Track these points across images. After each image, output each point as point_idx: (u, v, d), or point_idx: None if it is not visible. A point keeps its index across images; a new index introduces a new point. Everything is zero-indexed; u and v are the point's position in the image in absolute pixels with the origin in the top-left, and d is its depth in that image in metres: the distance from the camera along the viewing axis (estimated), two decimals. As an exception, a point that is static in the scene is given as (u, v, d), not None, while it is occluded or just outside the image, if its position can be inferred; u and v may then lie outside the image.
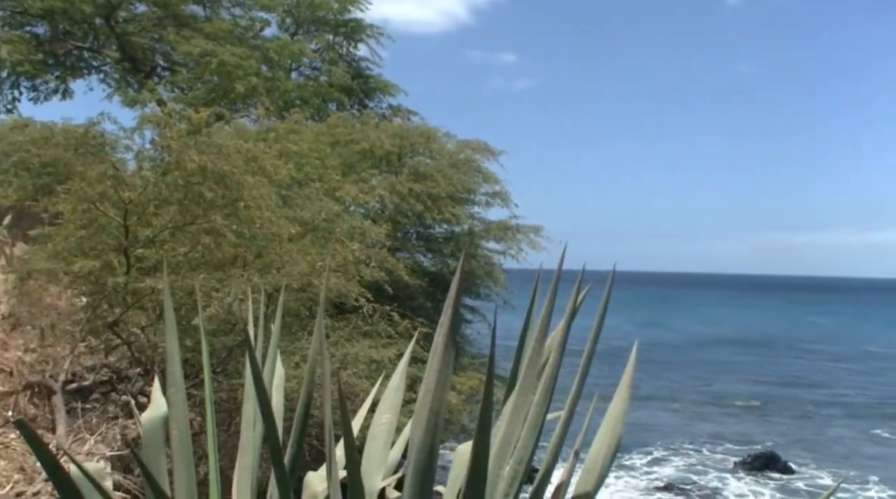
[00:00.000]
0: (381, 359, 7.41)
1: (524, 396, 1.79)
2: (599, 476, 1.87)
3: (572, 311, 1.95)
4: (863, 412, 28.50)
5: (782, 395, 32.33)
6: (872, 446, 23.40)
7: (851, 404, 30.38)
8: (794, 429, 25.39)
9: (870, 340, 59.00)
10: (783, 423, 26.43)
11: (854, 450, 22.63)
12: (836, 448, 22.80)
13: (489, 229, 15.40)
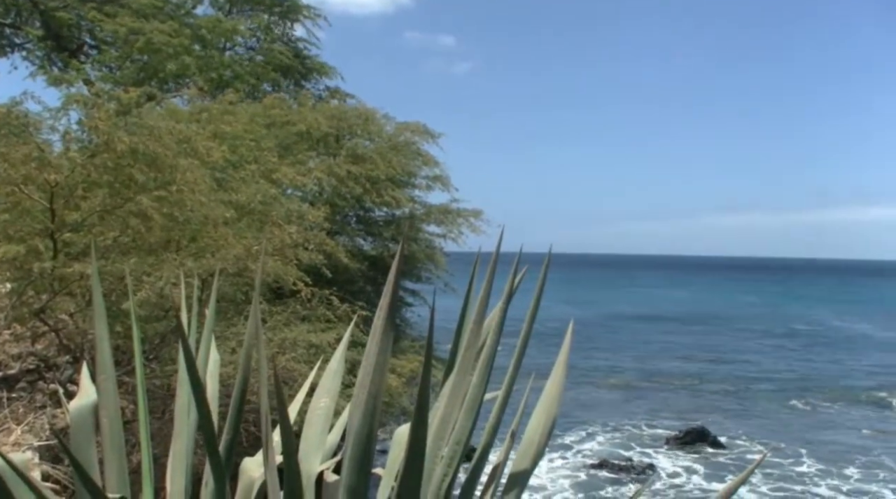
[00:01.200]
0: (320, 343, 7.35)
1: (462, 377, 1.80)
2: (536, 454, 1.90)
3: (509, 293, 1.97)
4: (790, 387, 29.76)
5: (714, 371, 33.49)
6: (799, 419, 24.49)
7: (779, 380, 31.67)
8: (725, 404, 26.35)
9: (796, 318, 61.57)
10: (714, 399, 27.39)
11: (782, 424, 23.64)
12: (765, 422, 23.77)
13: (430, 213, 15.41)
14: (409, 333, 15.30)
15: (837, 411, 25.77)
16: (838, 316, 64.76)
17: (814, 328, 54.24)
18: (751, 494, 16.71)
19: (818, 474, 18.55)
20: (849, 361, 37.69)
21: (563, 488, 16.98)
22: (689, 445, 20.32)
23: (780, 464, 19.12)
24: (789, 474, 18.34)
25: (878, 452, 20.56)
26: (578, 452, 19.97)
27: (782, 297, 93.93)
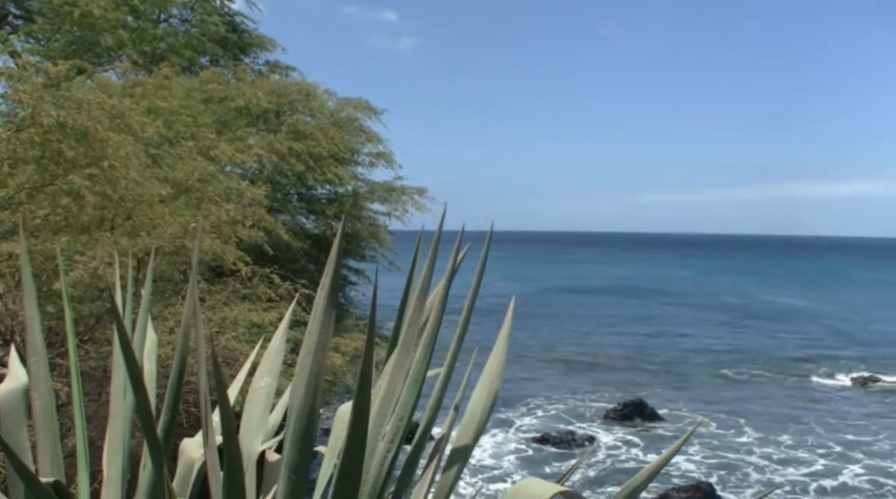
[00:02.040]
0: (261, 322, 7.27)
1: (405, 354, 1.81)
2: (478, 429, 1.92)
3: (452, 270, 1.98)
4: (724, 359, 30.81)
5: (650, 345, 34.40)
6: (733, 390, 25.40)
7: (713, 352, 32.75)
8: (661, 377, 27.12)
9: (728, 292, 63.70)
10: (651, 372, 28.17)
11: (717, 395, 24.48)
12: (700, 394, 24.57)
13: (373, 190, 15.33)
14: (352, 311, 15.26)
15: (769, 381, 26.82)
16: (768, 290, 67.28)
17: (745, 302, 56.19)
18: (688, 463, 17.31)
19: (753, 442, 19.33)
20: (778, 333, 39.21)
21: (508, 463, 17.27)
22: (627, 418, 20.88)
23: (717, 434, 19.84)
24: (725, 443, 19.05)
25: (808, 419, 21.52)
26: (521, 427, 20.32)
27: (715, 272, 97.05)
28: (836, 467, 17.32)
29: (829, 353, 32.94)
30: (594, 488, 15.46)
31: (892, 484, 16.20)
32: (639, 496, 1.74)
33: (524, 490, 1.56)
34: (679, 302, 55.20)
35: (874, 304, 55.66)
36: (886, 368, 28.97)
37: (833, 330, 40.70)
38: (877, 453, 18.42)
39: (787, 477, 16.66)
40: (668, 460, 1.73)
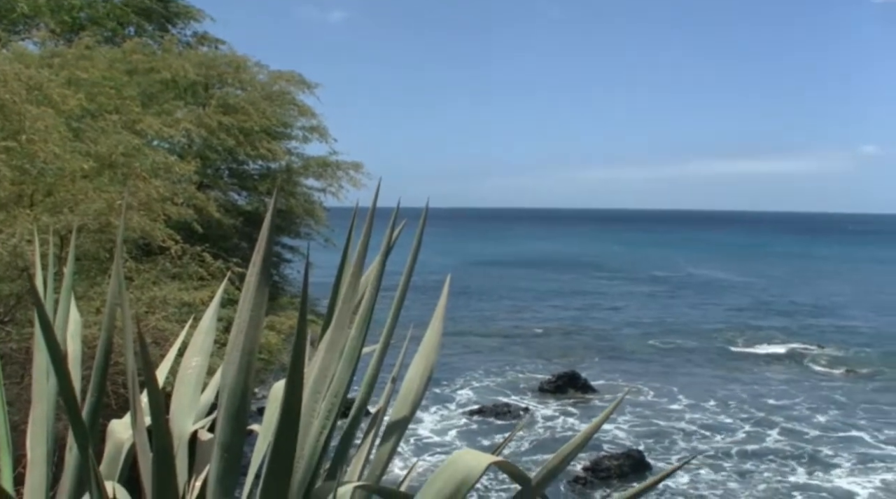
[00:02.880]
0: (192, 301, 7.11)
1: (340, 330, 1.80)
2: (414, 403, 1.93)
3: (387, 246, 1.97)
4: (654, 331, 31.74)
5: (583, 318, 35.16)
6: (662, 360, 26.23)
7: (643, 324, 33.70)
8: (594, 349, 27.79)
9: (655, 265, 65.62)
10: (584, 344, 28.82)
11: (647, 365, 25.25)
12: (632, 364, 25.30)
13: (308, 166, 15.10)
14: (287, 289, 15.09)
15: (696, 351, 27.80)
16: (693, 263, 69.64)
17: (672, 274, 57.99)
18: (620, 431, 17.85)
19: (681, 409, 20.04)
20: (704, 305, 40.63)
21: (447, 436, 17.48)
22: (561, 389, 21.35)
23: (647, 403, 20.49)
24: (655, 412, 19.69)
25: (732, 387, 22.42)
26: (459, 401, 20.56)
27: (643, 246, 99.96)
28: (758, 433, 18.14)
29: (751, 323, 34.35)
30: (530, 458, 15.80)
31: (808, 447, 17.08)
32: (571, 463, 1.78)
33: (459, 462, 1.58)
34: (611, 276, 56.53)
35: (794, 277, 58.22)
36: (805, 338, 30.40)
37: (755, 301, 42.42)
38: (795, 417, 19.36)
39: (711, 443, 17.36)
40: (598, 428, 1.77)
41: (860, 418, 19.29)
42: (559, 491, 13.87)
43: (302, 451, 1.58)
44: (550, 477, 1.73)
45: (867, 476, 15.33)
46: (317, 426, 1.63)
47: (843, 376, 24.10)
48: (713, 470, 15.63)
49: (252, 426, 1.93)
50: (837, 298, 44.14)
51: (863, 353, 27.62)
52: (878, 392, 21.99)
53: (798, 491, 14.63)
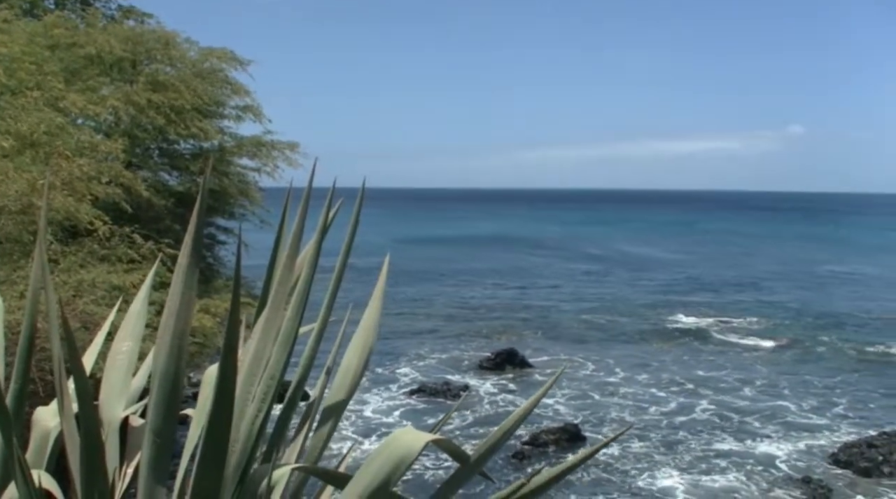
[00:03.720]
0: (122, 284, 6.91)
1: (275, 312, 1.77)
2: (352, 385, 1.93)
3: (323, 226, 1.95)
4: (588, 307, 32.38)
5: (522, 296, 35.62)
6: (599, 335, 26.82)
7: (580, 301, 34.34)
8: (533, 326, 28.20)
9: (590, 244, 66.98)
10: (523, 321, 29.21)
11: (584, 341, 25.77)
12: (569, 340, 25.78)
13: (241, 145, 14.79)
14: (222, 272, 14.81)
15: (630, 326, 28.51)
16: (626, 241, 71.35)
17: (607, 252, 59.28)
18: (558, 405, 18.22)
19: (616, 383, 20.56)
20: (637, 281, 41.67)
21: (388, 416, 17.52)
22: (500, 366, 21.63)
23: (583, 377, 20.95)
24: (591, 386, 20.16)
25: (664, 359, 23.12)
26: (400, 380, 20.61)
27: (578, 225, 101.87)
28: (688, 404, 18.77)
29: (683, 299, 35.42)
30: (470, 435, 15.99)
31: (736, 417, 17.77)
32: (509, 439, 1.81)
33: (397, 441, 1.59)
34: (549, 254, 57.38)
35: (723, 254, 60.22)
36: (733, 312, 31.54)
37: (687, 277, 43.72)
38: (723, 388, 20.10)
39: (644, 415, 17.90)
40: (535, 404, 1.80)
41: (784, 388, 20.16)
42: (499, 466, 14.10)
43: (237, 435, 1.56)
44: (489, 453, 1.76)
45: (790, 443, 16.06)
46: (252, 410, 1.61)
47: (768, 348, 25.11)
48: (644, 441, 16.13)
49: (186, 411, 1.90)
50: (764, 274, 45.86)
51: (787, 326, 28.82)
52: (800, 363, 23.01)
53: (722, 457, 15.24)
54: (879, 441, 14.94)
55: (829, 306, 33.33)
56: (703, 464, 14.94)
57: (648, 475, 14.38)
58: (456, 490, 1.74)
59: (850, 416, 17.89)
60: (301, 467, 1.65)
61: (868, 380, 21.00)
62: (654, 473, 14.50)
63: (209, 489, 1.46)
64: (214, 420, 1.40)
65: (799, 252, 61.43)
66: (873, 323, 29.63)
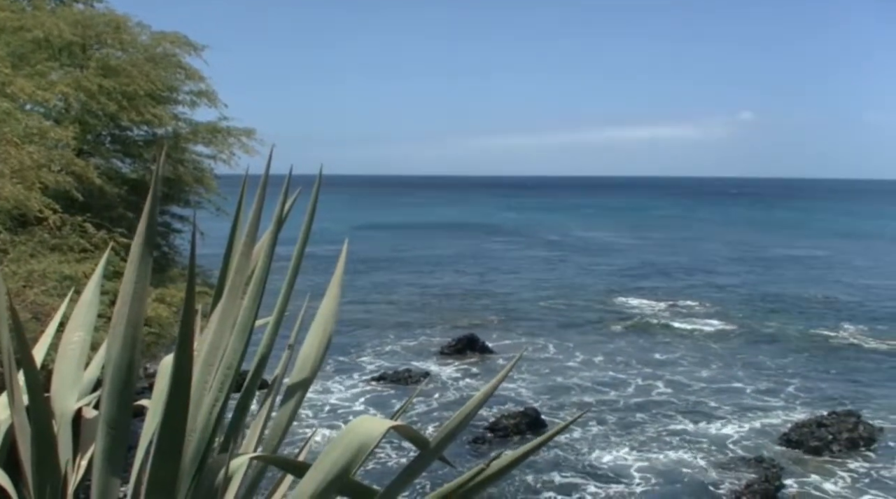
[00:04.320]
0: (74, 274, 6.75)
1: (232, 301, 1.76)
2: (311, 372, 1.92)
3: (280, 214, 1.94)
4: (548, 293, 32.69)
5: (481, 282, 35.79)
6: (556, 319, 27.10)
7: (539, 287, 34.64)
8: (492, 312, 28.38)
9: (547, 230, 67.64)
10: (483, 307, 29.38)
11: (544, 326, 26.02)
12: (528, 325, 26.01)
13: (197, 132, 14.54)
14: (178, 261, 14.58)
15: (588, 310, 28.87)
16: (582, 227, 72.31)
17: (564, 238, 59.93)
18: (519, 390, 18.39)
19: (575, 366, 20.84)
20: (594, 266, 42.20)
21: (349, 404, 17.49)
22: (460, 352, 21.74)
23: (543, 361, 21.17)
24: (551, 370, 20.39)
25: (621, 343, 23.49)
26: (361, 368, 20.58)
27: (536, 211, 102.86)
28: (645, 386, 19.13)
29: (639, 283, 36.01)
30: (433, 419, 16.07)
31: (691, 399, 18.17)
32: (469, 424, 1.82)
33: (357, 429, 1.59)
34: (507, 241, 57.73)
35: (677, 239, 61.33)
36: (686, 296, 32.19)
37: (642, 262, 44.42)
38: (679, 371, 20.52)
39: (602, 398, 18.18)
40: (494, 389, 1.82)
41: (737, 370, 20.67)
42: (460, 451, 14.20)
43: (194, 425, 1.55)
44: (448, 439, 1.77)
45: (744, 422, 16.49)
46: (209, 400, 1.60)
47: (721, 331, 25.68)
48: (603, 422, 16.41)
49: (141, 402, 1.87)
50: (716, 258, 46.83)
51: (739, 309, 29.50)
52: (753, 345, 23.60)
53: (677, 437, 15.59)
54: (829, 421, 15.42)
55: (780, 290, 34.21)
56: (659, 444, 15.25)
57: (606, 455, 14.64)
58: (416, 476, 1.75)
59: (801, 396, 18.42)
60: (259, 456, 1.64)
61: (817, 361, 21.65)
62: (612, 452, 14.77)
63: (165, 480, 1.45)
64: (170, 410, 1.39)
65: (750, 236, 62.87)
66: (821, 305, 30.51)
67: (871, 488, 13.29)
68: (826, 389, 18.98)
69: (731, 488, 13.09)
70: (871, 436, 15.17)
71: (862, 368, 20.94)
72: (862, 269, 42.36)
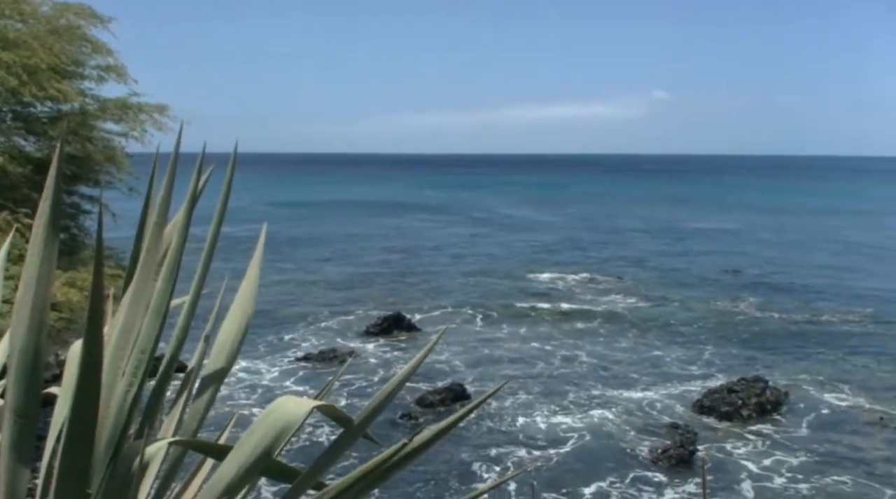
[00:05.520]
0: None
1: (144, 283, 1.70)
2: (231, 354, 1.89)
3: (193, 192, 1.88)
4: (472, 269, 33.02)
5: (406, 260, 35.83)
6: (479, 292, 27.44)
7: (463, 262, 34.95)
8: (417, 290, 28.48)
9: (474, 208, 68.28)
10: (409, 285, 29.44)
11: (468, 300, 26.27)
12: (453, 300, 26.21)
13: (105, 108, 13.94)
14: (89, 243, 14.01)
15: (510, 284, 29.32)
16: (504, 204, 73.31)
17: (489, 216, 60.62)
18: (450, 363, 18.58)
19: (498, 338, 21.18)
20: (516, 243, 42.89)
21: (277, 385, 17.28)
22: (387, 331, 21.76)
23: (468, 334, 21.42)
24: (477, 342, 20.66)
25: (541, 314, 24.01)
26: (288, 348, 20.35)
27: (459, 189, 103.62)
28: (567, 356, 19.64)
29: (557, 257, 36.89)
30: (357, 399, 16.06)
31: (612, 368, 18.76)
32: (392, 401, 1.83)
33: (280, 409, 1.57)
34: (432, 218, 57.94)
35: (593, 214, 63.00)
36: (603, 270, 33.14)
37: (560, 238, 45.44)
38: (599, 341, 21.16)
39: (526, 368, 18.57)
40: (418, 365, 1.82)
41: (653, 340, 21.45)
42: (385, 429, 14.27)
43: (107, 412, 1.50)
44: (372, 416, 1.77)
45: (660, 390, 17.16)
46: (123, 386, 1.55)
47: (637, 302, 26.56)
48: (529, 393, 16.80)
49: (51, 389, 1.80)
50: (632, 233, 48.32)
51: (654, 281, 30.58)
52: (666, 316, 24.52)
53: (599, 405, 16.13)
54: (739, 387, 16.20)
55: (690, 263, 35.61)
56: (582, 412, 15.73)
57: (533, 423, 15.01)
58: (340, 454, 1.75)
59: (712, 364, 19.28)
60: (178, 440, 1.60)
61: (725, 330, 22.68)
62: (538, 420, 15.17)
63: (78, 469, 1.40)
64: (80, 397, 1.34)
65: (664, 212, 65.09)
66: (729, 277, 31.91)
67: (776, 449, 14.07)
68: (735, 356, 19.91)
69: (649, 454, 13.62)
70: (777, 400, 16.03)
71: (766, 336, 22.06)
72: (767, 242, 44.49)
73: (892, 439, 14.53)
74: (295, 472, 1.70)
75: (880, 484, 12.67)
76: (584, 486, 12.51)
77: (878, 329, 22.82)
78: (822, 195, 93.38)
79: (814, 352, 20.25)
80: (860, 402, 16.47)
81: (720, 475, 12.89)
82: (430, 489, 12.27)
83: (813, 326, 23.16)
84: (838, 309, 25.41)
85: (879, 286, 29.96)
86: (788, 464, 13.49)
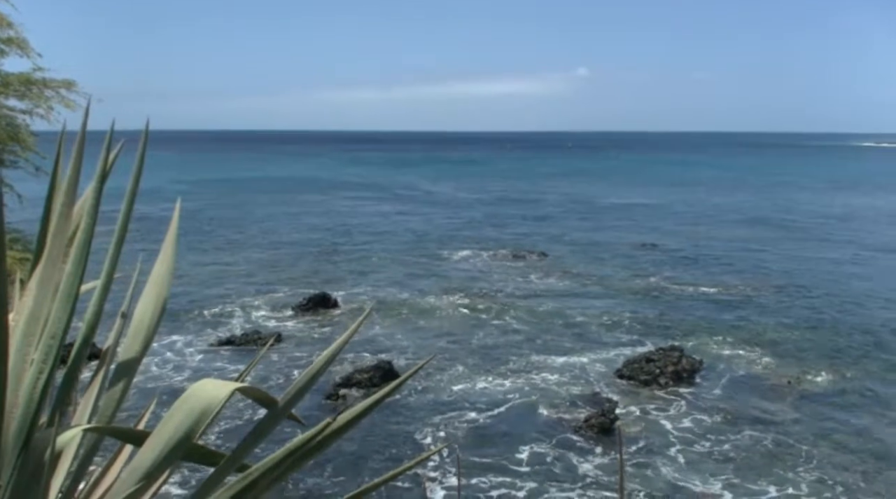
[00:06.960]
0: None
1: (52, 267, 1.63)
2: (146, 339, 1.83)
3: (102, 171, 1.81)
4: (399, 245, 32.98)
5: (332, 237, 35.44)
6: (410, 269, 27.45)
7: (390, 239, 34.86)
8: (344, 268, 28.27)
9: (398, 185, 68.09)
10: (334, 263, 29.18)
11: (396, 277, 26.25)
12: (379, 277, 26.14)
13: (7, 83, 13.18)
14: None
15: (436, 261, 29.46)
16: (431, 182, 73.35)
17: (412, 193, 60.60)
18: (373, 343, 18.55)
19: (427, 313, 21.27)
20: (440, 220, 43.09)
21: (199, 367, 16.90)
22: (312, 310, 21.55)
23: (397, 313, 21.43)
24: (399, 319, 20.70)
25: (470, 289, 24.25)
26: (210, 330, 19.90)
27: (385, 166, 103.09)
28: (495, 325, 19.94)
29: (483, 233, 37.31)
30: (282, 380, 15.90)
31: (537, 340, 19.16)
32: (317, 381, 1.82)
33: (199, 392, 1.54)
34: (355, 196, 57.46)
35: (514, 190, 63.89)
36: (524, 245, 33.71)
37: (483, 214, 45.96)
38: (523, 312, 21.54)
39: (453, 341, 18.75)
40: (343, 345, 1.81)
41: (576, 309, 22.00)
42: (313, 410, 14.19)
43: (15, 400, 1.44)
44: (297, 397, 1.75)
45: (584, 357, 17.66)
46: (32, 373, 1.49)
47: (561, 276, 27.13)
48: (463, 364, 17.04)
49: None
50: (553, 208, 49.24)
51: (573, 255, 31.32)
52: (585, 288, 25.18)
53: (525, 376, 16.52)
54: (656, 356, 16.81)
55: (608, 237, 36.63)
56: (510, 381, 16.04)
57: (464, 393, 15.20)
58: (265, 436, 1.73)
59: (634, 333, 19.93)
60: (93, 427, 1.55)
61: (645, 303, 23.44)
62: (469, 389, 15.36)
63: (-15, 462, 1.34)
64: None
65: (584, 187, 66.56)
66: (646, 251, 32.94)
67: (692, 413, 14.70)
68: (653, 327, 20.63)
69: (572, 423, 14.02)
70: (692, 368, 16.72)
71: (681, 306, 22.93)
72: (681, 215, 46.08)
73: (799, 400, 15.40)
74: (218, 455, 1.67)
75: (794, 441, 13.44)
76: (512, 453, 12.80)
77: (785, 298, 24.05)
78: (735, 169, 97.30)
79: (726, 321, 21.18)
80: (770, 367, 17.35)
81: (641, 438, 13.40)
82: (359, 465, 12.31)
83: (725, 297, 24.20)
84: (748, 281, 26.62)
85: (787, 256, 31.55)
86: (704, 424, 14.14)
